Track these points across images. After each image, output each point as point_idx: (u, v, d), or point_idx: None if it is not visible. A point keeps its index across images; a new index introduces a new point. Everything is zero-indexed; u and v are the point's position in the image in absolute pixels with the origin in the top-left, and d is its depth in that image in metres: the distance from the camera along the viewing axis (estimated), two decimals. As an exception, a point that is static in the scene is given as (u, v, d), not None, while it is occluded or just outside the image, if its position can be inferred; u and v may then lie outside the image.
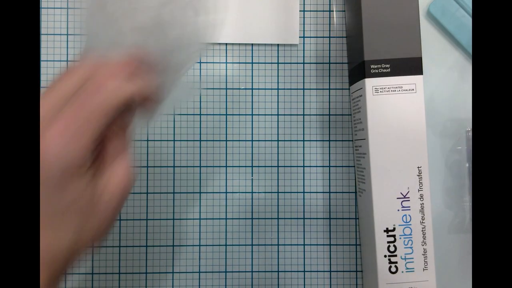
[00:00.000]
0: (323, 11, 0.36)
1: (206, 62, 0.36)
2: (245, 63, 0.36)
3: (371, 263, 0.32)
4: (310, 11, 0.36)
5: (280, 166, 0.36)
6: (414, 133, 0.31)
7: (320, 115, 0.36)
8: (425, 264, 0.31)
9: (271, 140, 0.36)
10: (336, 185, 0.36)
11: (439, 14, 0.35)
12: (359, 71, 0.32)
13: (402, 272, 0.31)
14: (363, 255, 0.35)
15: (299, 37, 0.36)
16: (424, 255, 0.31)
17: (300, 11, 0.36)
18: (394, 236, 0.31)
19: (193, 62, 0.33)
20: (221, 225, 0.36)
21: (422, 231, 0.31)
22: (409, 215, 0.31)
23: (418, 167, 0.31)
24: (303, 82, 0.36)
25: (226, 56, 0.36)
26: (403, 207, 0.31)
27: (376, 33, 0.31)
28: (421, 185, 0.31)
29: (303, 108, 0.36)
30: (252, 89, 0.36)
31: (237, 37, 0.36)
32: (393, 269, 0.31)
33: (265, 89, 0.36)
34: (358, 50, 0.32)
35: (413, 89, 0.31)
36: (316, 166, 0.36)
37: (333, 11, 0.36)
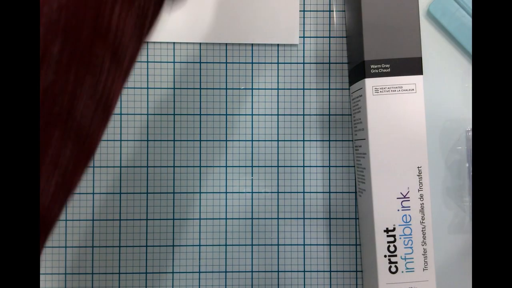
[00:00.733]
0: (323, 11, 0.36)
1: (206, 62, 0.36)
2: (245, 63, 0.36)
3: (371, 263, 0.32)
4: (310, 11, 0.36)
5: (280, 166, 0.36)
6: (414, 133, 0.31)
7: (320, 115, 0.36)
8: (425, 264, 0.31)
9: (271, 140, 0.36)
10: (336, 185, 0.36)
11: (439, 14, 0.35)
12: (359, 71, 0.32)
13: (402, 272, 0.31)
14: (363, 255, 0.35)
15: (299, 37, 0.36)
16: (424, 255, 0.31)
17: (300, 11, 0.36)
18: (394, 236, 0.31)
19: None
20: (221, 225, 0.36)
21: (422, 231, 0.31)
22: (409, 215, 0.31)
23: (418, 167, 0.31)
24: (303, 82, 0.36)
25: (226, 56, 0.36)
26: (403, 207, 0.31)
27: (376, 33, 0.31)
28: (421, 185, 0.31)
29: (303, 108, 0.36)
30: (252, 89, 0.36)
31: (237, 37, 0.36)
32: (393, 269, 0.31)
33: (265, 89, 0.36)
34: (358, 50, 0.32)
35: (413, 89, 0.31)
36: (316, 166, 0.36)
37: (333, 11, 0.36)
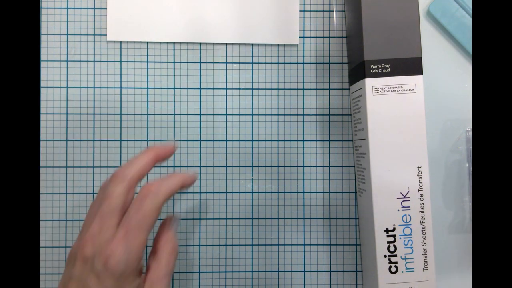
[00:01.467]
0: (323, 11, 0.36)
1: (206, 62, 0.36)
2: (245, 63, 0.36)
3: (371, 263, 0.32)
4: (310, 11, 0.36)
5: (280, 166, 0.36)
6: (414, 133, 0.31)
7: (320, 115, 0.36)
8: (425, 264, 0.31)
9: (271, 140, 0.36)
10: (336, 185, 0.36)
11: (439, 14, 0.35)
12: (359, 71, 0.32)
13: (402, 272, 0.31)
14: (363, 255, 0.35)
15: (299, 37, 0.36)
16: (424, 255, 0.31)
17: (300, 11, 0.36)
18: (394, 236, 0.31)
19: None
20: (221, 225, 0.36)
21: (422, 231, 0.31)
22: (409, 215, 0.31)
23: (418, 167, 0.31)
24: (303, 82, 0.36)
25: (226, 56, 0.36)
26: (403, 207, 0.31)
27: (376, 33, 0.31)
28: (421, 185, 0.31)
29: (303, 108, 0.36)
30: (252, 89, 0.36)
31: (237, 37, 0.36)
32: (393, 269, 0.31)
33: (265, 89, 0.36)
34: (358, 50, 0.32)
35: (413, 89, 0.31)
36: (316, 166, 0.36)
37: (333, 11, 0.36)
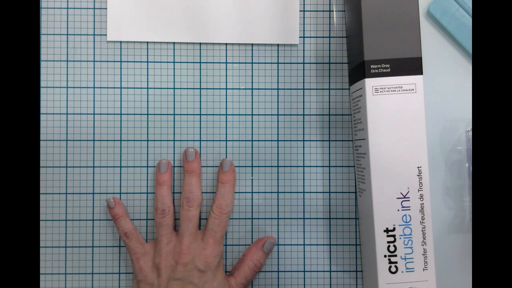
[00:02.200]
0: (323, 11, 0.36)
1: (206, 62, 0.36)
2: (245, 63, 0.36)
3: (371, 263, 0.32)
4: (310, 11, 0.36)
5: (280, 166, 0.36)
6: (414, 133, 0.31)
7: (320, 115, 0.36)
8: (425, 264, 0.31)
9: (271, 140, 0.36)
10: (336, 185, 0.36)
11: (439, 14, 0.35)
12: (359, 71, 0.32)
13: (402, 272, 0.31)
14: (363, 255, 0.35)
15: (299, 37, 0.36)
16: (424, 255, 0.31)
17: (300, 11, 0.36)
18: (394, 236, 0.31)
19: None
20: (221, 225, 0.36)
21: (422, 231, 0.31)
22: (409, 215, 0.31)
23: (418, 167, 0.31)
24: (303, 82, 0.36)
25: (226, 56, 0.36)
26: (403, 207, 0.31)
27: (376, 33, 0.31)
28: (421, 185, 0.31)
29: (303, 108, 0.36)
30: (252, 89, 0.36)
31: (237, 37, 0.36)
32: (393, 269, 0.31)
33: (265, 89, 0.36)
34: (358, 50, 0.32)
35: (413, 89, 0.31)
36: (316, 166, 0.36)
37: (333, 11, 0.36)
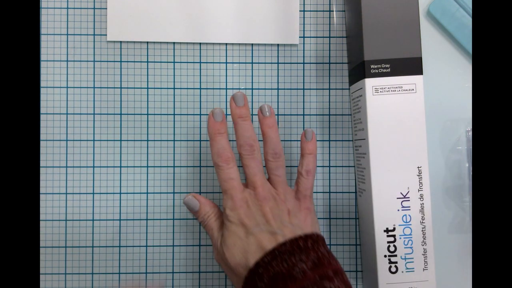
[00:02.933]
0: (323, 11, 0.36)
1: (206, 62, 0.36)
2: (245, 63, 0.36)
3: (371, 263, 0.32)
4: (310, 11, 0.36)
5: (280, 166, 0.36)
6: (414, 133, 0.31)
7: (320, 115, 0.36)
8: (425, 264, 0.31)
9: (271, 140, 0.36)
10: (336, 185, 0.36)
11: (439, 14, 0.35)
12: (359, 71, 0.32)
13: (402, 272, 0.31)
14: (363, 255, 0.35)
15: (299, 37, 0.36)
16: (424, 255, 0.31)
17: (300, 11, 0.36)
18: (394, 236, 0.31)
19: None
20: (221, 225, 0.36)
21: (422, 231, 0.31)
22: (409, 215, 0.31)
23: (418, 167, 0.31)
24: (303, 82, 0.36)
25: (226, 56, 0.36)
26: (403, 207, 0.31)
27: (376, 33, 0.31)
28: (421, 185, 0.31)
29: (303, 108, 0.36)
30: (252, 89, 0.36)
31: (237, 37, 0.36)
32: (393, 269, 0.31)
33: (265, 89, 0.36)
34: (358, 50, 0.32)
35: (413, 89, 0.31)
36: (316, 166, 0.36)
37: (333, 11, 0.36)
